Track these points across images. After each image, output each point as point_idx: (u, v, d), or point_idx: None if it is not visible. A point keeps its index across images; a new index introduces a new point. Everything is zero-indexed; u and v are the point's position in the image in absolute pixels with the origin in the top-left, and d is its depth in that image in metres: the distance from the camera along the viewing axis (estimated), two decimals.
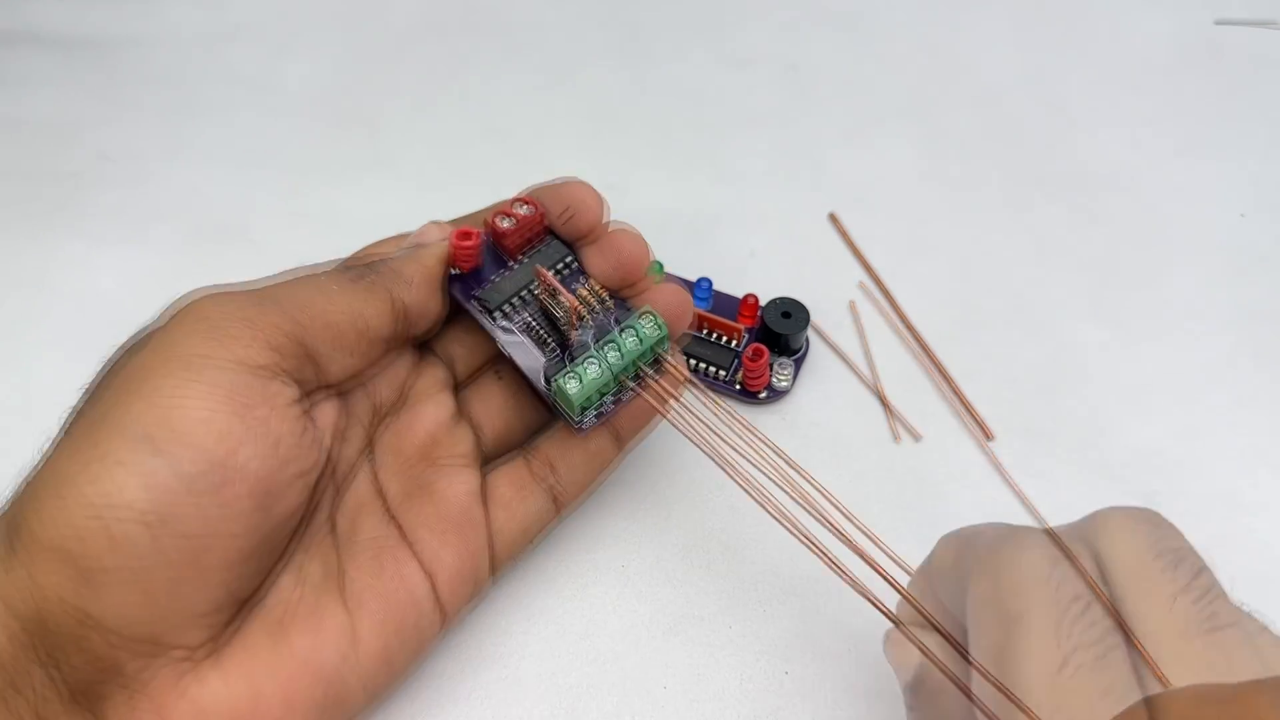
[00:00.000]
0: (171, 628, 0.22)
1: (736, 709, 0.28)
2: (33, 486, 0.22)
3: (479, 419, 0.29)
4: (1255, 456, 0.34)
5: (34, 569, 0.21)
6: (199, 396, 0.22)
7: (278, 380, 0.24)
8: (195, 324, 0.23)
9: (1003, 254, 0.40)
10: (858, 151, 0.45)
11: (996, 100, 0.47)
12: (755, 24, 0.51)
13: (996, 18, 0.51)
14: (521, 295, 0.29)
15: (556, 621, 0.29)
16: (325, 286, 0.26)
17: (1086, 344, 0.37)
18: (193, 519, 0.21)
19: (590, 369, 0.27)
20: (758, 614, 0.29)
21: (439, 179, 0.43)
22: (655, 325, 0.27)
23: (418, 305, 0.27)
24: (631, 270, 0.29)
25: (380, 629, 0.25)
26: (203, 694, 0.22)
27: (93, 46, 0.49)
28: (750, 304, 0.36)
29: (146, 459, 0.21)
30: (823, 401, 0.35)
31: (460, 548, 0.26)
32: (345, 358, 0.26)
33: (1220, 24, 0.50)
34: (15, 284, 0.39)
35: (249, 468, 0.22)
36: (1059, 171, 0.44)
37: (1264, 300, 0.38)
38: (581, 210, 0.29)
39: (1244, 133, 0.45)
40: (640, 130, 0.46)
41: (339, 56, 0.49)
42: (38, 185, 0.43)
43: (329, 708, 0.24)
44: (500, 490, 0.28)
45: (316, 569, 0.25)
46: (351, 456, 0.27)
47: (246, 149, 0.45)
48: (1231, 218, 0.42)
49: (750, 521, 0.31)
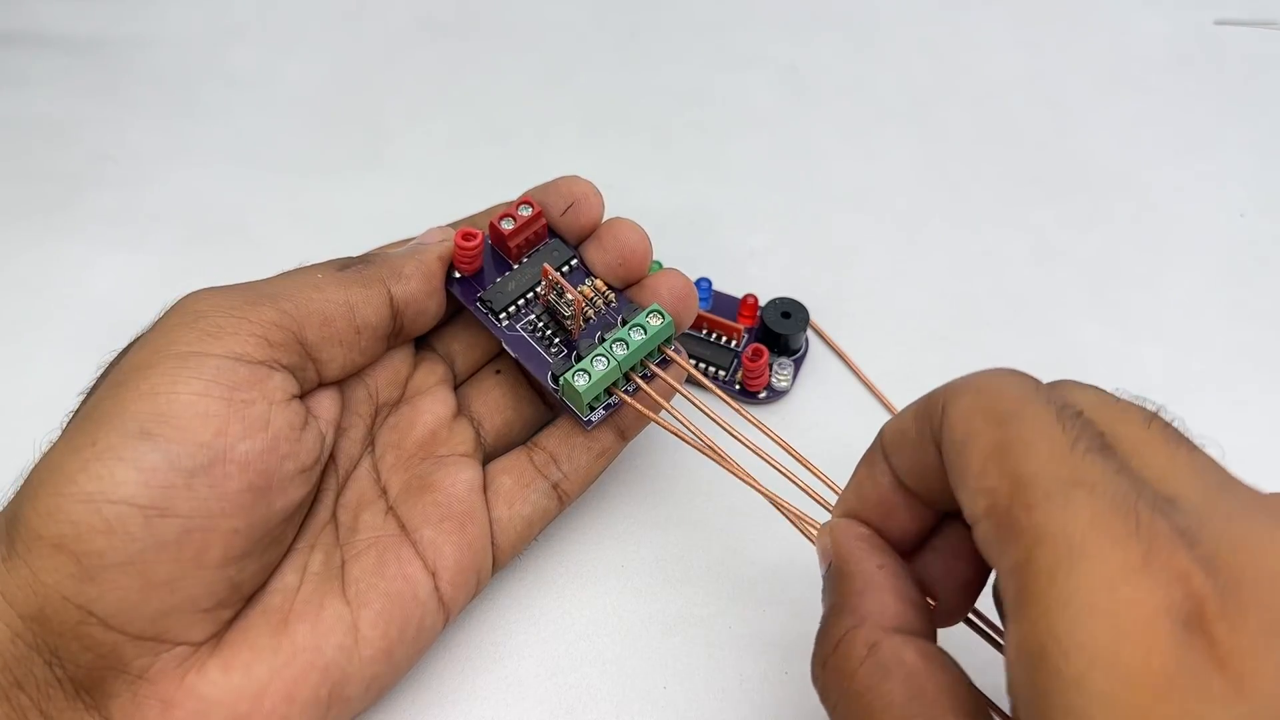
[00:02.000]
0: (174, 622, 0.22)
1: (736, 709, 0.28)
2: (31, 483, 0.22)
3: (479, 415, 0.29)
4: (1255, 456, 0.34)
5: (34, 565, 0.21)
6: (194, 390, 0.22)
7: (276, 375, 0.24)
8: (188, 319, 0.23)
9: (1003, 254, 0.40)
10: (858, 151, 0.45)
11: (996, 100, 0.47)
12: (755, 24, 0.51)
13: (996, 18, 0.51)
14: (526, 296, 0.29)
15: (556, 622, 0.29)
16: (317, 279, 0.26)
17: (1086, 344, 0.37)
18: (191, 511, 0.22)
19: (598, 364, 0.27)
20: (758, 614, 0.29)
21: (439, 179, 0.43)
22: (661, 319, 0.27)
23: (414, 301, 0.27)
24: (633, 259, 0.29)
25: (382, 625, 0.25)
26: (204, 684, 0.22)
27: (93, 46, 0.49)
28: (750, 304, 0.36)
29: (143, 452, 0.21)
30: (822, 401, 0.35)
31: (460, 540, 0.26)
32: (342, 352, 0.26)
33: (1220, 24, 0.50)
34: (14, 284, 0.39)
35: (246, 459, 0.22)
36: (1059, 171, 0.44)
37: (1264, 300, 0.38)
38: (582, 204, 0.29)
39: (1244, 133, 0.45)
40: (640, 130, 0.46)
41: (339, 56, 0.49)
42: (38, 185, 0.43)
43: (330, 702, 0.24)
44: (501, 483, 0.28)
45: (318, 562, 0.25)
46: (353, 451, 0.27)
47: (246, 149, 0.45)
48: (1231, 218, 0.42)
49: (751, 521, 0.31)
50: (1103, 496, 0.16)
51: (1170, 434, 0.18)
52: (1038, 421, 0.18)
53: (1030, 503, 0.17)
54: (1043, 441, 0.17)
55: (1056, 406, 0.18)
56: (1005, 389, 0.19)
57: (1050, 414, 0.18)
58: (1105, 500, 0.16)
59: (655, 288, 0.29)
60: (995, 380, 0.19)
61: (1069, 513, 0.16)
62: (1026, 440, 0.17)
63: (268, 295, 0.25)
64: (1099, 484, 0.16)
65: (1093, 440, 0.17)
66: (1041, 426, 0.17)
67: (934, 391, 0.20)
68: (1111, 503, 0.16)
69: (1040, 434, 0.17)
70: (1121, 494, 0.16)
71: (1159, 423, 0.18)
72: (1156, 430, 0.18)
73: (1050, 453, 0.17)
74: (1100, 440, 0.17)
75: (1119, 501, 0.16)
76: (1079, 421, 0.17)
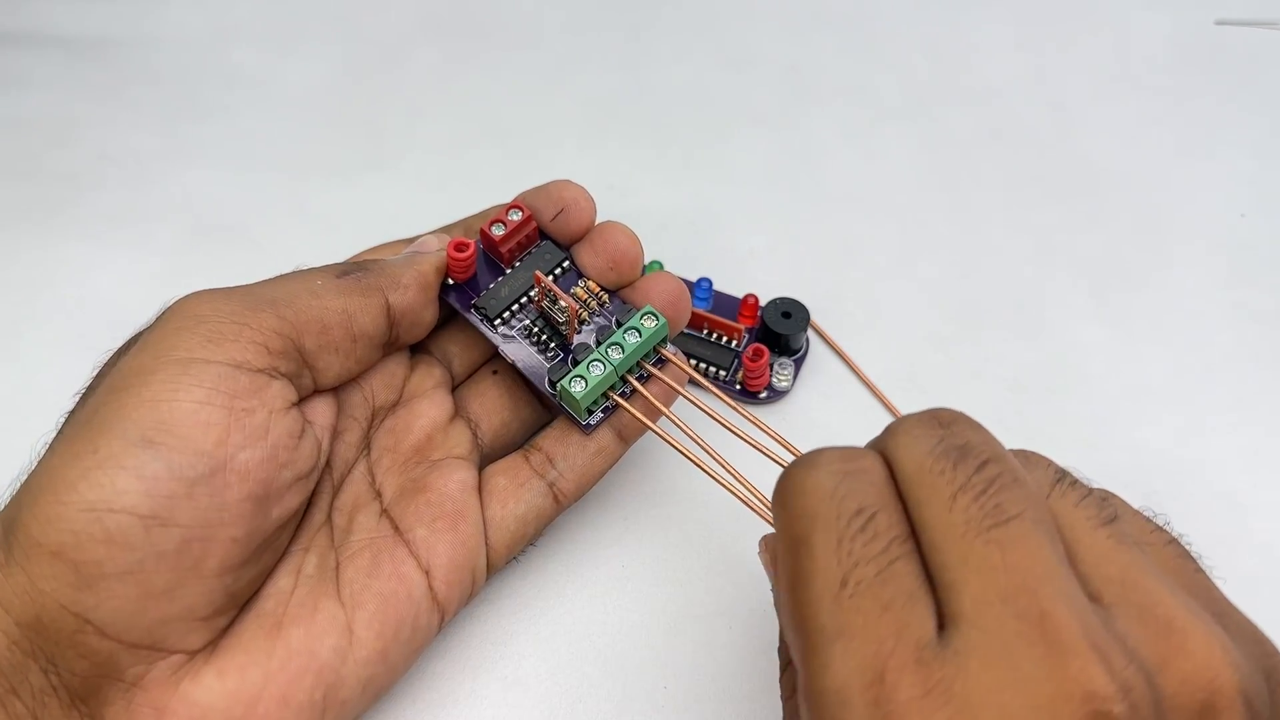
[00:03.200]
0: (171, 630, 0.22)
1: (736, 709, 0.28)
2: (30, 489, 0.22)
3: (476, 417, 0.29)
4: (1255, 457, 0.34)
5: (32, 572, 0.21)
6: (196, 398, 0.22)
7: (276, 383, 0.24)
8: (189, 323, 0.23)
9: (1003, 254, 0.40)
10: (858, 151, 0.45)
11: (996, 100, 0.47)
12: (755, 24, 0.51)
13: (996, 18, 0.51)
14: (519, 301, 0.29)
15: (557, 622, 0.29)
16: (316, 286, 0.26)
17: (1086, 344, 0.37)
18: (192, 521, 0.21)
19: (595, 369, 0.27)
20: (758, 614, 0.29)
21: (439, 179, 0.43)
22: (655, 321, 0.27)
23: (410, 310, 0.27)
24: (624, 261, 0.29)
25: (378, 628, 0.25)
26: (198, 691, 0.22)
27: (93, 46, 0.49)
28: (750, 304, 0.36)
29: (145, 461, 0.21)
30: (823, 401, 0.35)
31: (453, 538, 0.26)
32: (338, 360, 0.26)
33: (1220, 24, 0.50)
34: (15, 284, 0.39)
35: (247, 469, 0.22)
36: (1059, 171, 0.44)
37: (1264, 300, 0.38)
38: (573, 209, 0.29)
39: (1244, 133, 0.45)
40: (641, 130, 0.46)
41: (339, 57, 0.49)
42: (38, 185, 0.43)
43: (325, 704, 0.24)
44: (496, 483, 0.28)
45: (312, 565, 0.25)
46: (348, 455, 0.27)
47: (246, 149, 0.45)
48: (1231, 218, 0.42)
49: (751, 521, 0.31)
50: (857, 652, 0.16)
51: (973, 517, 0.17)
52: (821, 551, 0.18)
53: (803, 655, 0.17)
54: (819, 577, 0.17)
55: (848, 518, 0.18)
56: (805, 503, 0.18)
57: (835, 535, 0.18)
58: (857, 657, 0.16)
59: (647, 291, 0.29)
60: (800, 490, 0.19)
61: (829, 673, 0.16)
62: (806, 577, 0.18)
63: (268, 301, 0.25)
64: (858, 634, 0.16)
65: (868, 566, 0.17)
66: (822, 558, 0.17)
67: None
68: (862, 660, 0.16)
69: (819, 568, 0.17)
70: (877, 645, 0.16)
71: (965, 500, 0.17)
72: (959, 512, 0.17)
73: (822, 593, 0.17)
74: (881, 560, 0.17)
75: (872, 656, 0.16)
76: (864, 535, 0.17)
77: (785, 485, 0.19)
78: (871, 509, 0.18)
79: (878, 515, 0.18)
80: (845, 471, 0.19)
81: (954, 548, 0.17)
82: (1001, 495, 0.17)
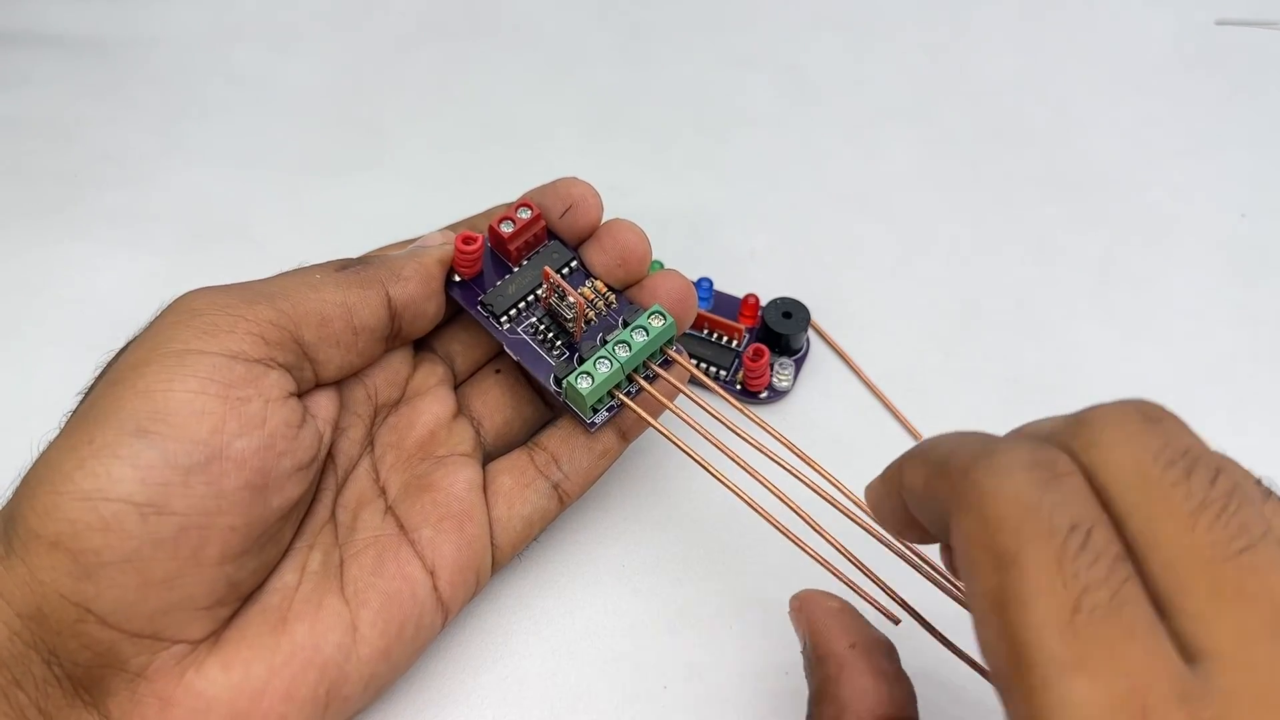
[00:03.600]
0: (172, 619, 0.22)
1: (736, 709, 0.28)
2: (29, 482, 0.22)
3: (479, 415, 0.29)
4: (1255, 457, 0.34)
5: (32, 563, 0.21)
6: (190, 387, 0.22)
7: (273, 373, 0.24)
8: (184, 317, 0.24)
9: (1003, 254, 0.40)
10: (858, 151, 0.45)
11: (997, 100, 0.47)
12: (756, 24, 0.51)
13: (996, 18, 0.51)
14: (526, 298, 0.29)
15: (557, 622, 0.29)
16: (315, 280, 0.26)
17: (1086, 344, 0.37)
18: (188, 508, 0.22)
19: (601, 367, 0.27)
20: (758, 614, 0.29)
21: (439, 179, 0.43)
22: (663, 320, 0.27)
23: (412, 303, 0.27)
24: (633, 259, 0.29)
25: (381, 624, 0.25)
26: (202, 682, 0.22)
27: (93, 46, 0.49)
28: (751, 304, 0.36)
29: (140, 449, 0.21)
30: (823, 401, 0.35)
31: (459, 539, 0.26)
32: (339, 353, 0.26)
33: (1220, 24, 0.50)
34: (15, 284, 0.39)
35: (243, 457, 0.22)
36: (1059, 171, 0.44)
37: (1264, 300, 0.38)
38: (581, 206, 0.29)
39: (1244, 133, 0.45)
40: (641, 130, 0.46)
41: (339, 56, 0.49)
42: (38, 185, 0.43)
43: (328, 700, 0.24)
44: (501, 482, 0.28)
45: (317, 562, 0.25)
46: (351, 451, 0.27)
47: (246, 149, 0.45)
48: (1231, 218, 0.42)
49: (751, 520, 0.31)
50: (1108, 685, 0.14)
51: (1218, 541, 0.15)
52: (1038, 571, 0.15)
53: (1029, 687, 0.15)
54: (1042, 601, 0.15)
55: (1063, 533, 0.15)
56: (1008, 513, 0.16)
57: (1052, 554, 0.15)
58: (1108, 690, 0.14)
59: (654, 289, 0.29)
60: (996, 497, 0.16)
61: (1074, 706, 0.14)
62: (1024, 600, 0.15)
63: (264, 294, 0.25)
64: (1101, 667, 0.14)
65: (1100, 590, 0.15)
66: (1042, 579, 0.15)
67: (938, 466, 0.19)
68: (1115, 693, 0.14)
69: (1040, 590, 0.15)
70: (1130, 677, 0.14)
71: (1206, 519, 0.15)
72: (1201, 535, 0.15)
73: (1047, 619, 0.15)
74: (1112, 583, 0.15)
75: (1127, 690, 0.14)
76: (1086, 555, 0.15)
77: (976, 492, 0.17)
78: (1086, 524, 0.16)
79: (1094, 531, 0.16)
80: (1045, 479, 0.16)
81: (1199, 575, 0.15)
82: (1243, 514, 0.15)
